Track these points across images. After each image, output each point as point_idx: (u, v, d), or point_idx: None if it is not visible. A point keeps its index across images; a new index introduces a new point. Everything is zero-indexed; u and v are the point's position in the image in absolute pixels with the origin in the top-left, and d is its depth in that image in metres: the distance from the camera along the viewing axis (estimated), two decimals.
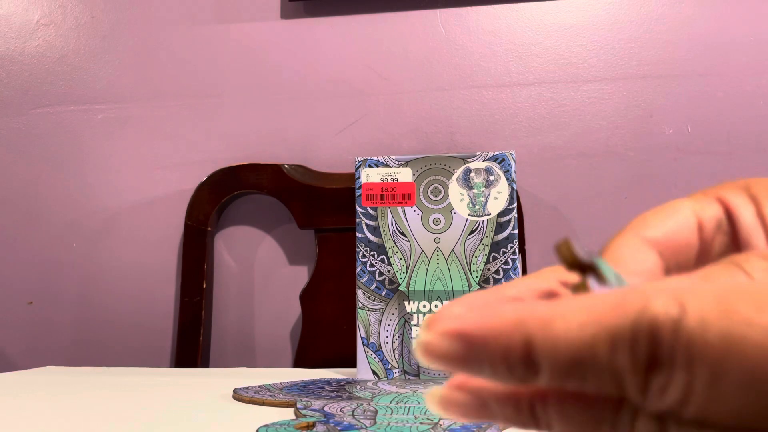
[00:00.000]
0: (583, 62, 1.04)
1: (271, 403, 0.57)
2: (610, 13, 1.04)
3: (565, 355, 0.14)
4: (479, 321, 0.15)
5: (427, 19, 1.08)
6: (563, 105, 1.04)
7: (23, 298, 1.14)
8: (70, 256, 1.13)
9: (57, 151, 1.15)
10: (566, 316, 0.14)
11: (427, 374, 0.73)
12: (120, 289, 1.11)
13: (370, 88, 1.08)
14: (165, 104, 1.13)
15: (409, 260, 0.74)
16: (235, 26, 1.12)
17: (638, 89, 1.03)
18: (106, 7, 1.16)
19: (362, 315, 0.74)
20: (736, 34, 1.01)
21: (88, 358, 1.10)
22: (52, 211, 1.14)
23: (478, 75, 1.06)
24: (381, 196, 0.75)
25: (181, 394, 0.66)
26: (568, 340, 0.14)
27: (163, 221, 1.11)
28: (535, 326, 0.14)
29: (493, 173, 0.74)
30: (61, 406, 0.60)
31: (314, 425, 0.46)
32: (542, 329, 0.14)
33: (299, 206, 1.03)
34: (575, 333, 0.14)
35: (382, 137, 1.07)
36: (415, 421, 0.47)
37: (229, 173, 1.06)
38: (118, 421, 0.53)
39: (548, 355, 0.14)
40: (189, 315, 1.04)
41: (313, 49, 1.10)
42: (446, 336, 0.15)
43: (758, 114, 1.00)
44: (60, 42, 1.16)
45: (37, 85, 1.16)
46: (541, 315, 0.14)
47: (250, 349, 1.08)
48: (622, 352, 0.14)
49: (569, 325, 0.14)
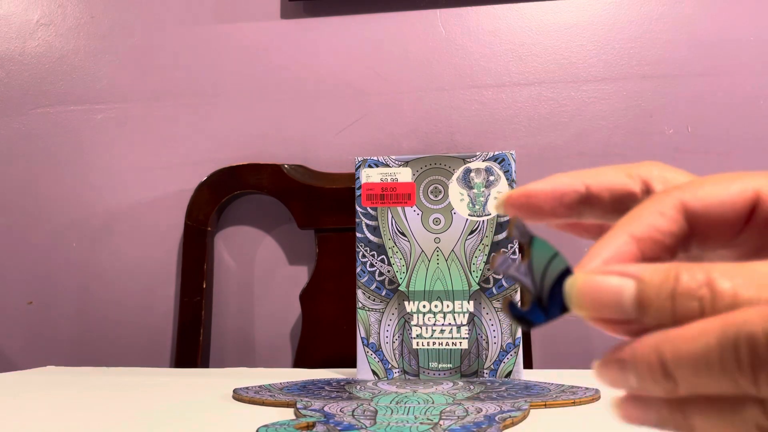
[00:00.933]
0: (583, 62, 1.04)
1: (271, 403, 0.57)
2: (610, 13, 1.04)
3: (688, 364, 0.18)
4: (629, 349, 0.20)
5: (427, 19, 1.08)
6: (563, 105, 1.04)
7: (23, 298, 1.14)
8: (70, 256, 1.13)
9: (57, 151, 1.15)
10: (686, 335, 0.18)
11: (427, 375, 0.73)
12: (120, 289, 1.11)
13: (370, 88, 1.08)
14: (165, 104, 1.13)
15: (409, 260, 0.74)
16: (235, 26, 1.12)
17: (638, 89, 1.03)
18: (106, 7, 1.16)
19: (362, 315, 0.74)
20: (736, 33, 1.01)
21: (88, 358, 1.10)
22: (52, 211, 1.14)
23: (478, 75, 1.06)
24: (381, 196, 0.75)
25: (181, 394, 0.66)
26: (689, 353, 0.18)
27: (163, 221, 1.11)
28: (665, 347, 0.19)
29: (493, 173, 0.74)
30: (61, 406, 0.60)
31: (314, 425, 0.46)
32: (671, 349, 0.19)
33: (299, 206, 1.03)
34: (693, 346, 0.18)
35: (382, 137, 1.07)
36: (415, 421, 0.47)
37: (229, 173, 1.06)
38: (118, 421, 0.53)
39: (677, 365, 0.18)
40: (189, 315, 1.04)
41: (312, 49, 1.10)
42: (610, 364, 0.20)
43: (758, 114, 1.00)
44: (60, 42, 1.16)
45: (36, 85, 1.16)
46: (670, 338, 0.19)
47: (250, 349, 1.08)
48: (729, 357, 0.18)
49: (688, 342, 0.18)
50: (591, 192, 0.25)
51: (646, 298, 0.19)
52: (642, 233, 0.21)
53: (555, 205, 0.25)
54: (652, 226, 0.21)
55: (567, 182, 0.25)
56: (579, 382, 0.66)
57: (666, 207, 0.22)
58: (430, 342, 0.73)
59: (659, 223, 0.21)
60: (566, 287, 0.20)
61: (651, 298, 0.19)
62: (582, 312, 0.20)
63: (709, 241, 0.22)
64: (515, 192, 0.25)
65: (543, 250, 0.21)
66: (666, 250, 0.22)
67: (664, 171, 0.25)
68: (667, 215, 0.22)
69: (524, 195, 0.25)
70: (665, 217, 0.21)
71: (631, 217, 0.22)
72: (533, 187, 0.25)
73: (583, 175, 0.25)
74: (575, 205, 0.25)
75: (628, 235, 0.21)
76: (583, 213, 0.25)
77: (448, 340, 0.73)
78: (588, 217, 0.25)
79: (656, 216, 0.22)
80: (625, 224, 0.22)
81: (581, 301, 0.20)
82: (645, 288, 0.19)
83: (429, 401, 0.56)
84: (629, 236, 0.21)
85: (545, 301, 0.21)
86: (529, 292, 0.21)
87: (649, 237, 0.21)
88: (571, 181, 0.25)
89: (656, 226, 0.21)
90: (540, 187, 0.25)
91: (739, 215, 0.22)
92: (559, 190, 0.25)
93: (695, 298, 0.18)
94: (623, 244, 0.21)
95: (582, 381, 0.67)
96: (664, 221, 0.21)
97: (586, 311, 0.20)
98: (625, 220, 0.22)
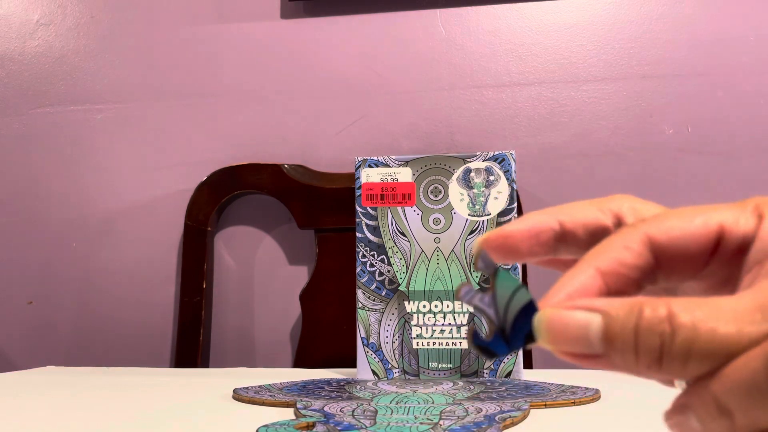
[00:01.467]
0: (583, 62, 1.04)
1: (271, 403, 0.57)
2: (610, 13, 1.04)
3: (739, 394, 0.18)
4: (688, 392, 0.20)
5: (427, 18, 1.08)
6: (563, 105, 1.04)
7: (23, 298, 1.14)
8: (70, 256, 1.13)
9: (57, 151, 1.15)
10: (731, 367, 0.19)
11: (427, 375, 0.73)
12: (120, 289, 1.11)
13: (370, 88, 1.08)
14: (165, 104, 1.13)
15: (409, 260, 0.74)
16: (234, 26, 1.12)
17: (638, 89, 1.03)
18: (105, 7, 1.16)
19: (362, 315, 0.74)
20: (736, 33, 1.01)
21: (88, 358, 1.10)
22: (52, 211, 1.14)
23: (478, 75, 1.06)
24: (381, 196, 0.75)
25: (181, 394, 0.66)
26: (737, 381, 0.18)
27: (163, 221, 1.11)
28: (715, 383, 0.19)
29: (493, 173, 0.74)
30: (61, 406, 0.60)
31: (314, 425, 0.46)
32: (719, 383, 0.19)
33: (299, 206, 1.03)
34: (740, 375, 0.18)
35: (382, 137, 1.07)
36: (415, 422, 0.47)
37: (229, 173, 1.06)
38: (118, 421, 0.53)
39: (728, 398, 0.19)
40: (189, 315, 1.04)
41: (312, 49, 1.10)
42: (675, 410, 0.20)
43: (758, 114, 1.00)
44: (60, 42, 1.16)
45: (36, 85, 1.16)
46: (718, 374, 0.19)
47: (250, 349, 1.08)
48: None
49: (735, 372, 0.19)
50: (565, 229, 0.25)
51: (611, 333, 0.19)
52: (607, 267, 0.22)
53: (532, 244, 0.25)
54: (617, 260, 0.22)
55: (542, 221, 0.25)
56: (579, 382, 0.66)
57: (631, 241, 0.22)
58: (430, 342, 0.73)
59: (624, 256, 0.22)
60: (535, 322, 0.21)
61: (616, 332, 0.19)
62: (549, 346, 0.20)
63: (676, 273, 0.23)
64: (492, 234, 0.25)
65: (507, 282, 0.22)
66: (631, 283, 0.22)
67: (634, 203, 0.25)
68: (632, 249, 0.22)
69: (501, 237, 0.25)
70: (630, 250, 0.22)
71: (597, 251, 0.22)
72: (510, 228, 0.25)
73: (557, 212, 0.26)
74: (551, 242, 0.25)
75: (594, 269, 0.22)
76: (559, 250, 0.26)
77: (448, 340, 0.73)
78: (564, 253, 0.26)
79: (621, 250, 0.22)
80: (591, 258, 0.22)
81: (549, 336, 0.20)
82: (610, 322, 0.19)
83: (429, 401, 0.56)
84: (595, 270, 0.22)
85: (508, 333, 0.21)
86: (492, 323, 0.22)
87: (614, 271, 0.22)
88: (545, 219, 0.25)
89: (621, 259, 0.22)
90: (516, 228, 0.25)
91: (703, 248, 0.22)
92: (534, 229, 0.25)
93: (656, 333, 0.19)
94: (589, 278, 0.21)
95: (582, 381, 0.67)
96: (629, 255, 0.22)
97: (554, 345, 0.20)
98: (591, 254, 0.22)
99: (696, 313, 0.19)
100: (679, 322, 0.19)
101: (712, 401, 0.19)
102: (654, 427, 0.20)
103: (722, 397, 0.19)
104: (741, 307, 0.19)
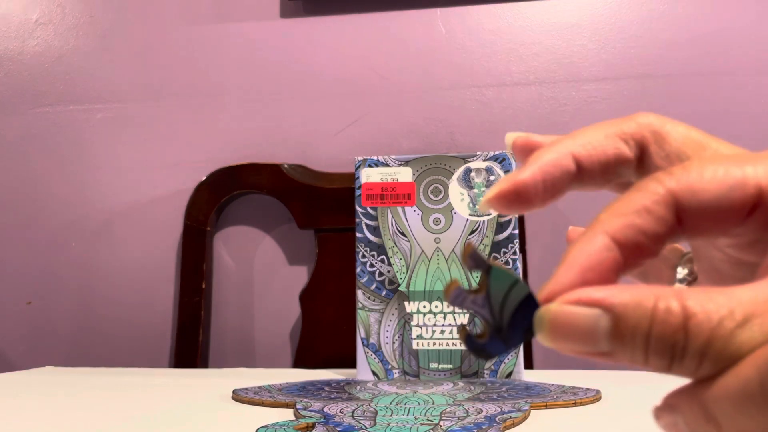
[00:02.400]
0: (584, 62, 1.04)
1: (270, 404, 0.57)
2: (611, 13, 1.04)
3: (727, 402, 0.17)
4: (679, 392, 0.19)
5: (427, 18, 1.08)
6: (563, 105, 1.04)
7: (23, 298, 1.14)
8: (69, 256, 1.13)
9: (56, 151, 1.15)
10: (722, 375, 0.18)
11: (428, 375, 0.73)
12: (119, 289, 1.11)
13: (370, 87, 1.08)
14: (165, 104, 1.13)
15: (409, 260, 0.74)
16: (234, 25, 1.12)
17: (638, 89, 1.03)
18: (105, 7, 1.15)
19: (362, 315, 0.74)
20: (736, 33, 1.01)
21: (88, 358, 1.10)
22: (51, 211, 1.14)
23: (479, 74, 1.06)
24: (381, 196, 0.75)
25: (181, 395, 0.66)
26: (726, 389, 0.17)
27: (162, 221, 1.10)
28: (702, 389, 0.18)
29: (494, 173, 0.74)
30: (60, 406, 0.60)
31: (314, 426, 0.46)
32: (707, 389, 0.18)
33: (299, 206, 1.03)
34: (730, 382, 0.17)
35: (382, 137, 1.07)
36: (415, 422, 0.47)
37: (229, 173, 1.06)
38: (117, 421, 0.52)
39: (716, 405, 0.18)
40: (188, 315, 1.04)
41: (312, 49, 1.10)
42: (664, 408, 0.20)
43: (758, 114, 1.00)
44: (59, 41, 1.16)
45: (36, 84, 1.16)
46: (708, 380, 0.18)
47: (249, 349, 1.08)
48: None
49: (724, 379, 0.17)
50: (582, 167, 0.23)
51: (620, 334, 0.18)
52: (624, 237, 0.19)
53: (546, 195, 0.23)
54: (635, 226, 0.19)
55: (554, 160, 0.23)
56: (580, 383, 0.66)
57: (653, 202, 0.20)
58: (431, 342, 0.73)
59: (643, 222, 0.20)
60: (536, 319, 0.19)
61: (625, 334, 0.18)
62: (553, 345, 0.19)
63: (700, 235, 0.21)
64: (504, 188, 0.23)
65: (502, 279, 0.20)
66: (650, 252, 0.20)
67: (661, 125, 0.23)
68: (653, 212, 0.19)
69: (514, 190, 0.23)
70: (651, 214, 0.19)
71: (612, 212, 0.20)
72: (522, 178, 0.23)
73: (570, 145, 0.23)
74: (566, 187, 0.23)
75: (609, 239, 0.19)
76: (573, 189, 0.24)
77: (448, 341, 0.72)
78: (578, 189, 0.24)
79: (641, 214, 0.20)
80: (605, 222, 0.20)
81: (552, 335, 0.19)
82: (619, 323, 0.18)
83: (429, 402, 0.56)
84: (610, 239, 0.19)
85: (505, 331, 0.20)
86: (487, 324, 0.20)
87: (631, 240, 0.20)
88: (558, 159, 0.23)
89: (640, 226, 0.20)
90: (530, 176, 0.23)
91: (736, 213, 0.20)
92: (549, 177, 0.23)
93: (669, 339, 0.17)
94: (603, 249, 0.19)
95: (583, 381, 0.66)
96: (650, 221, 0.20)
97: (558, 345, 0.19)
98: (605, 216, 0.20)
99: (713, 315, 0.17)
100: (695, 325, 0.17)
101: (700, 409, 0.18)
102: (655, 428, 0.20)
103: (710, 406, 0.18)
104: (762, 296, 0.17)
